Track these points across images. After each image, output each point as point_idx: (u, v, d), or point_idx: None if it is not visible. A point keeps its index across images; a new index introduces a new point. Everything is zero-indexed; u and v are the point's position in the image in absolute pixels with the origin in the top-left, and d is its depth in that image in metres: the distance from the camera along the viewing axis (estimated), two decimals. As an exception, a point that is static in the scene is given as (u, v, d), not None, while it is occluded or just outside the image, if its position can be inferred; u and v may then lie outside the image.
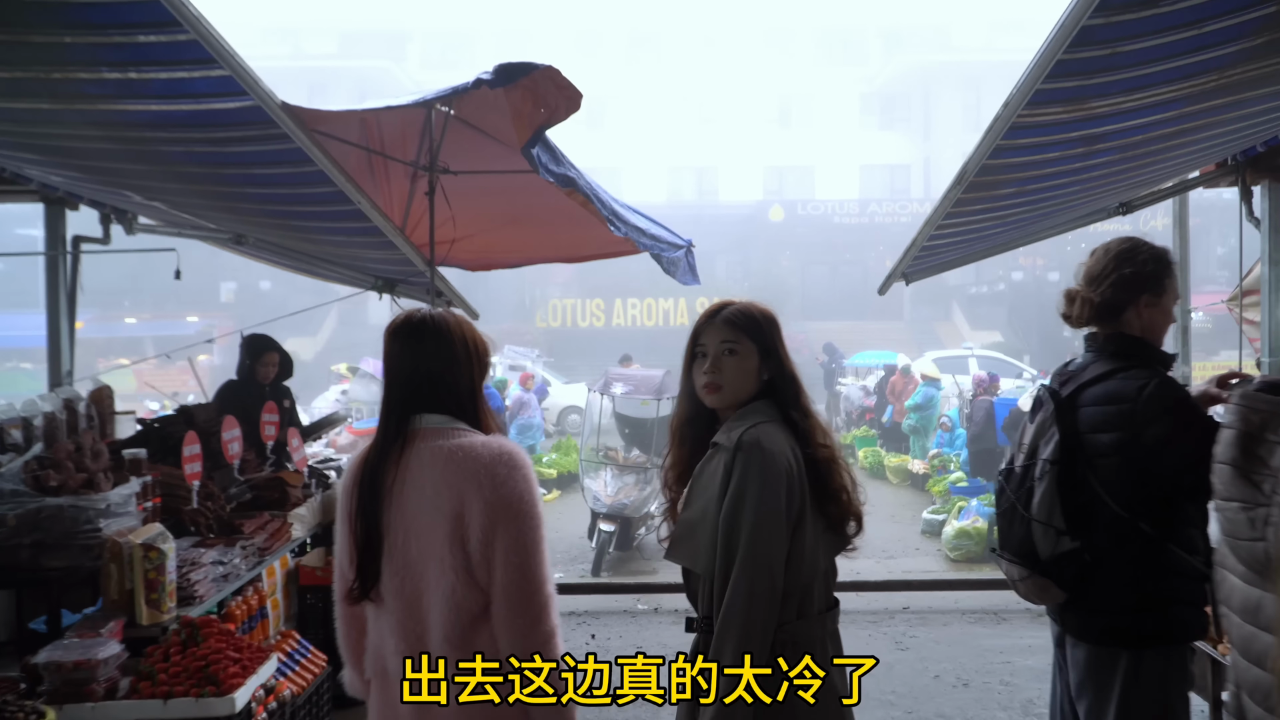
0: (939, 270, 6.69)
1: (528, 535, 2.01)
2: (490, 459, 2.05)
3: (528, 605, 1.98)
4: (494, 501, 2.01)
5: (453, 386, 2.16)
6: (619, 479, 9.98)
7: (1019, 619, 6.08)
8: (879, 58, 39.27)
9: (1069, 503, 2.46)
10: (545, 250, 7.53)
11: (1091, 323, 2.60)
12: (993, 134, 3.98)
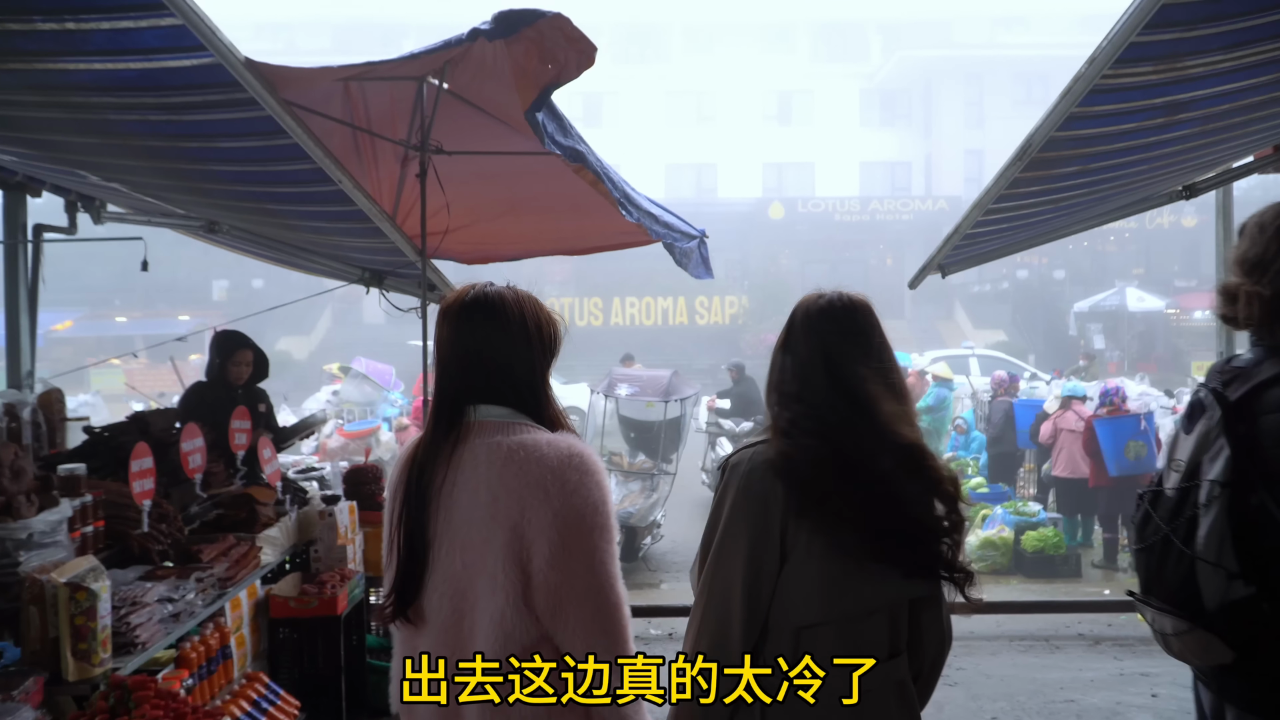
0: (978, 262, 6.17)
1: (606, 554, 1.79)
2: (558, 461, 1.79)
3: (614, 637, 1.79)
4: (564, 513, 1.76)
5: (510, 373, 1.90)
6: (623, 486, 9.44)
7: (1074, 647, 5.52)
8: (879, 53, 38.77)
9: (1243, 536, 1.92)
10: (546, 242, 6.98)
11: (1265, 322, 2.03)
12: (1069, 99, 3.45)
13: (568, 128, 3.91)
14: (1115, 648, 5.46)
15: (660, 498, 9.47)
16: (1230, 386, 2.05)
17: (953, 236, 5.17)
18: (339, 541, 4.20)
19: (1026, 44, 36.20)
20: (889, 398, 1.96)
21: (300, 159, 3.95)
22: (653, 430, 10.12)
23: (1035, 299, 32.02)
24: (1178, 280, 32.68)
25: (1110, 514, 9.20)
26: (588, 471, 1.81)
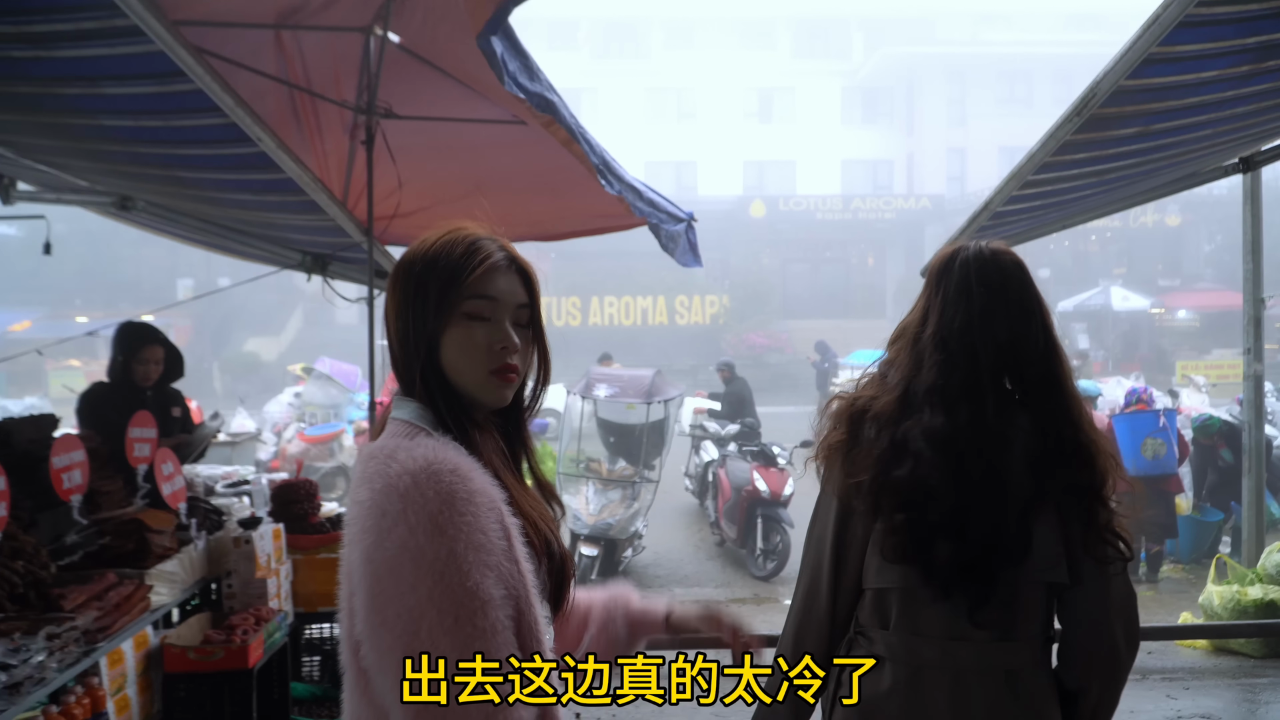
0: (1001, 246, 5.51)
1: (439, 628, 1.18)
2: (385, 484, 1.24)
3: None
4: (379, 563, 1.22)
5: (403, 354, 1.40)
6: (602, 495, 8.73)
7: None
8: (861, 51, 38.26)
9: None
10: (518, 225, 6.25)
11: None
12: (1154, 31, 2.80)
13: (535, 70, 3.22)
14: (1165, 683, 4.82)
15: (642, 507, 8.78)
16: None
17: (980, 214, 4.51)
18: (258, 574, 3.48)
19: (1010, 41, 35.82)
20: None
21: (209, 111, 3.23)
22: (634, 434, 9.42)
23: (1019, 298, 31.58)
24: (1161, 279, 32.38)
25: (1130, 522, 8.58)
26: (418, 499, 1.22)
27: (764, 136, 37.30)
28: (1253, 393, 6.34)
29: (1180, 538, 8.98)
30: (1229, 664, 5.17)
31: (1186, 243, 33.75)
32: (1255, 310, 6.28)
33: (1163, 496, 8.51)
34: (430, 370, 1.38)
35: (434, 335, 1.38)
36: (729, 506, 9.33)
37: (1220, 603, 5.56)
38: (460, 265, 1.41)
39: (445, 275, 1.40)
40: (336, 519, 4.25)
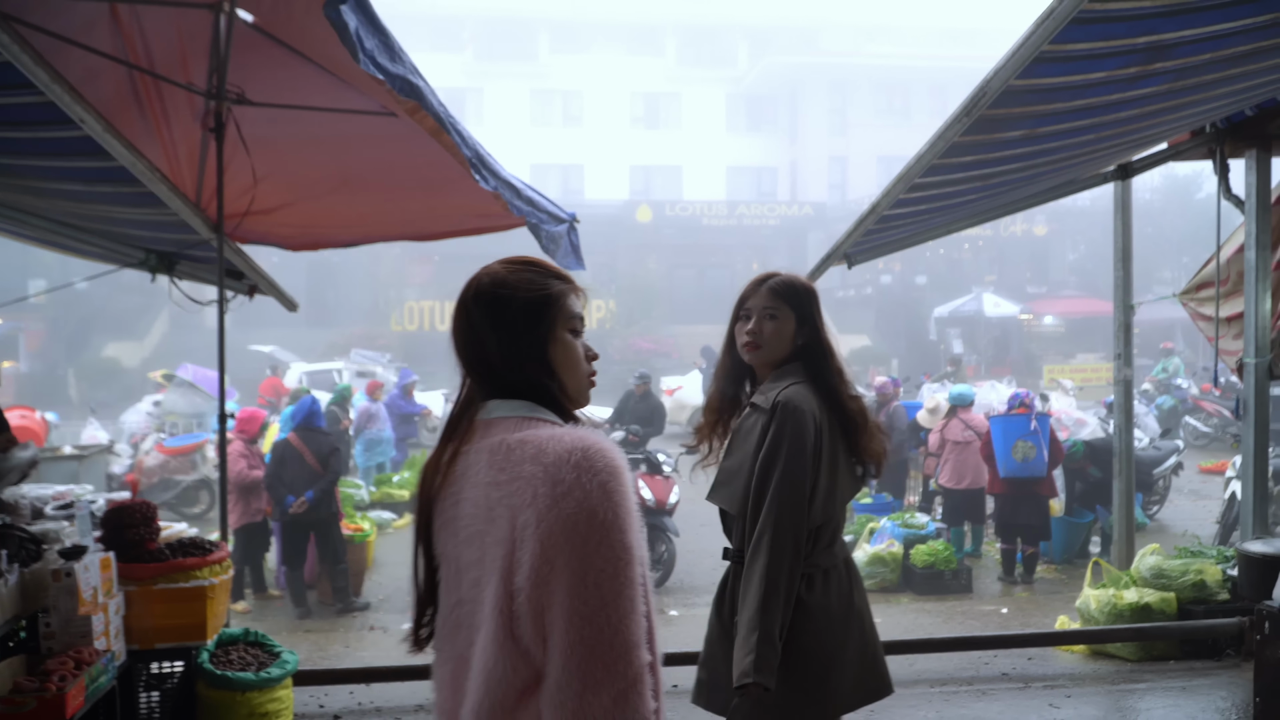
0: (886, 251, 5.47)
1: (606, 575, 1.41)
2: (556, 456, 1.46)
3: (601, 676, 1.38)
4: (553, 521, 1.42)
5: (514, 362, 1.61)
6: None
7: (1001, 692, 4.75)
8: (746, 59, 38.76)
9: None
10: (389, 225, 5.92)
11: None
12: (1049, 25, 2.70)
13: (397, 50, 2.93)
14: (1047, 690, 4.81)
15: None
16: None
17: (867, 218, 4.42)
18: (81, 610, 3.08)
19: (890, 55, 36.87)
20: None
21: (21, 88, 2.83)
22: (515, 443, 9.14)
23: (898, 304, 32.44)
24: (1029, 286, 33.73)
25: (1006, 524, 8.73)
26: (589, 470, 1.46)
27: (651, 142, 37.44)
28: (1122, 397, 6.48)
29: (1054, 539, 9.21)
30: (1107, 669, 5.22)
31: (1053, 252, 35.29)
32: (1125, 316, 6.43)
33: (1035, 499, 8.69)
34: (543, 372, 1.63)
35: (542, 344, 1.63)
36: (614, 516, 9.12)
37: (1097, 606, 5.62)
38: (564, 287, 1.67)
39: (554, 298, 1.66)
40: (179, 544, 3.86)
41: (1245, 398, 5.56)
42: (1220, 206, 5.71)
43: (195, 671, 3.73)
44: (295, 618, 7.83)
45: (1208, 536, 8.92)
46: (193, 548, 3.91)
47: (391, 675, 4.72)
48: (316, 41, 4.13)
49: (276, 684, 3.67)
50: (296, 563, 7.93)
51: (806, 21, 39.16)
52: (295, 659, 3.91)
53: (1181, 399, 17.68)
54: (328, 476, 7.93)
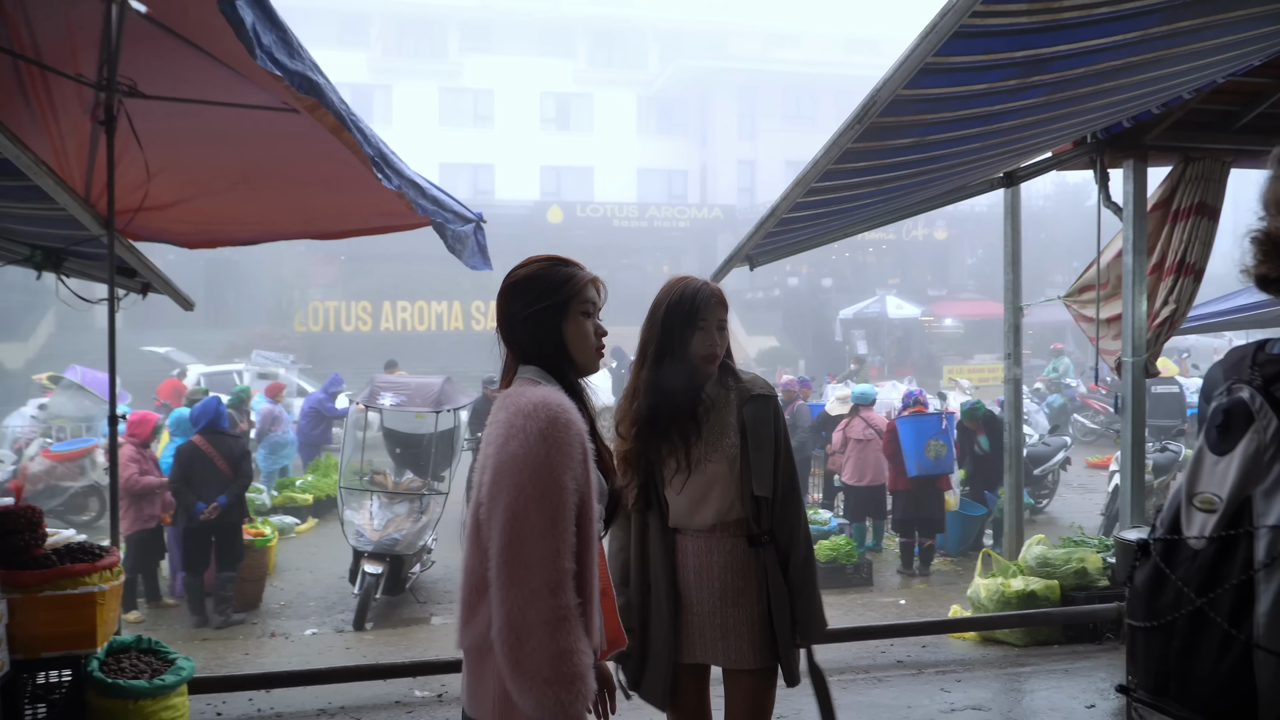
0: (787, 253, 5.60)
1: (532, 498, 1.83)
2: (517, 409, 1.92)
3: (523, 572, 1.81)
4: (503, 456, 1.88)
5: (535, 338, 2.08)
6: (388, 509, 8.31)
7: (897, 679, 4.93)
8: (656, 61, 39.00)
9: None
10: (291, 222, 5.81)
11: None
12: (933, 38, 2.83)
13: (296, 47, 2.90)
14: (939, 676, 5.00)
15: (431, 520, 8.43)
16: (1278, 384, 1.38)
17: (767, 221, 4.53)
18: (-39, 620, 2.97)
19: (796, 61, 37.54)
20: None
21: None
22: (422, 444, 9.05)
23: (804, 306, 33.03)
24: (930, 289, 34.72)
25: (906, 519, 9.01)
26: (534, 418, 1.87)
27: (561, 142, 37.37)
28: (1012, 394, 6.74)
29: (949, 532, 9.55)
30: (996, 654, 5.45)
31: (952, 255, 36.40)
32: (1015, 318, 6.69)
33: (936, 494, 9.00)
34: (554, 344, 2.07)
35: (556, 320, 2.06)
36: (523, 516, 9.12)
37: (986, 595, 5.86)
38: (579, 278, 2.11)
39: (572, 284, 2.09)
40: (67, 550, 3.74)
41: (1124, 395, 5.85)
42: (1100, 213, 6.01)
43: (85, 680, 3.62)
44: (192, 626, 7.62)
45: (1094, 528, 9.36)
46: (81, 553, 3.78)
47: (292, 680, 4.65)
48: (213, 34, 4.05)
49: (171, 691, 3.58)
50: (198, 569, 7.72)
51: (715, 26, 39.63)
52: (191, 665, 3.82)
53: (1070, 397, 18.44)
54: (240, 481, 7.74)
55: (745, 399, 2.75)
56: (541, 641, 1.76)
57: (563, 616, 1.79)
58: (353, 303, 29.96)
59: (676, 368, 2.71)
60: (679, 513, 2.75)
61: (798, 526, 2.75)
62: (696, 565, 2.74)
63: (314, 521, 11.49)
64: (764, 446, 2.71)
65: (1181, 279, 5.67)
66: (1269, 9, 3.26)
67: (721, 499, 2.71)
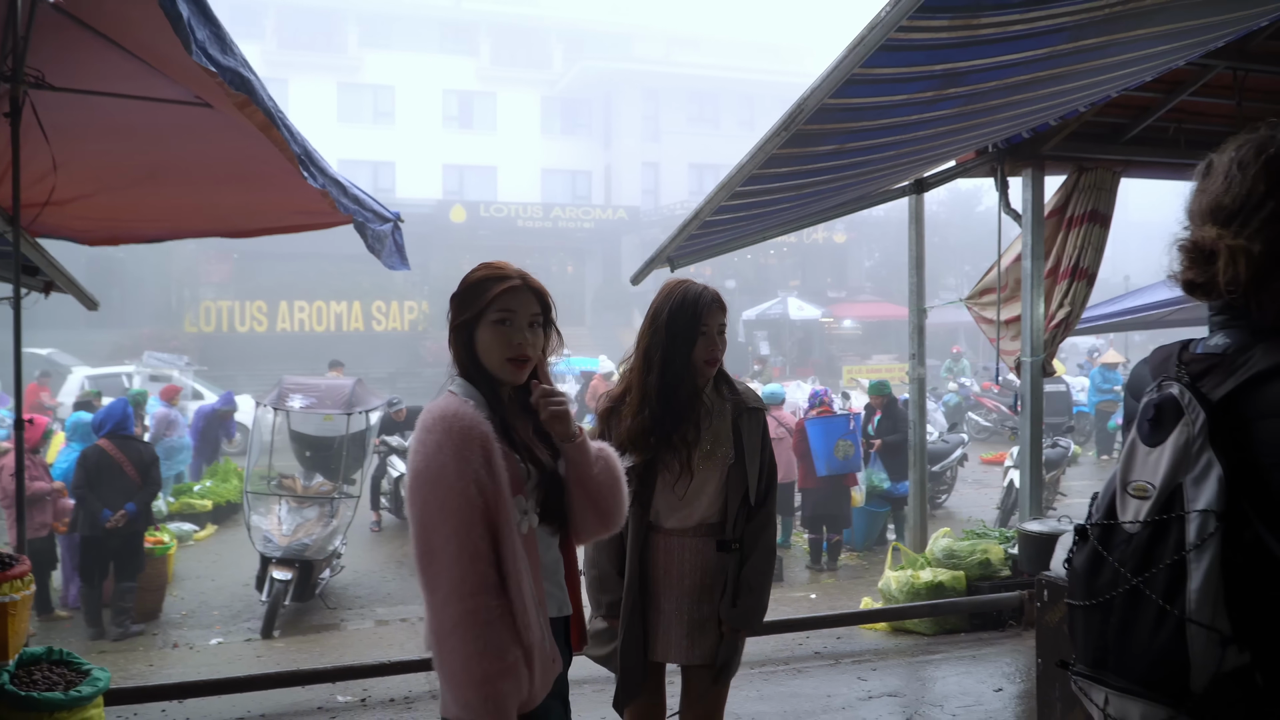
0: (708, 254, 5.70)
1: (424, 522, 1.92)
2: (419, 422, 2.01)
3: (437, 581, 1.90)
4: (409, 470, 1.98)
5: (452, 351, 2.15)
6: (297, 513, 8.13)
7: (815, 670, 5.03)
8: (560, 62, 38.93)
9: (1235, 586, 1.39)
10: (201, 220, 5.67)
11: (1250, 286, 1.50)
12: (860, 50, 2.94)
13: (229, 43, 2.85)
14: (855, 665, 5.18)
15: (342, 524, 8.28)
16: (1206, 380, 1.51)
17: (690, 223, 4.62)
18: None
19: (699, 64, 37.92)
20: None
21: None
22: (333, 447, 8.88)
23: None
24: (830, 291, 35.53)
25: (815, 516, 9.24)
26: (423, 429, 1.95)
27: (464, 141, 36.93)
28: (916, 394, 6.99)
29: (855, 527, 9.83)
30: (907, 643, 5.66)
31: (851, 258, 37.31)
32: (918, 319, 6.93)
33: (843, 491, 9.26)
34: (469, 355, 2.08)
35: (470, 331, 2.08)
36: (435, 519, 9.04)
37: (897, 586, 6.07)
38: (491, 287, 2.08)
39: (484, 294, 2.07)
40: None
41: (1022, 393, 6.13)
42: (1001, 220, 6.28)
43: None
44: (88, 638, 7.32)
45: (990, 521, 9.76)
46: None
47: (209, 689, 4.53)
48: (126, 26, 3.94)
49: (88, 703, 3.46)
50: (96, 580, 7.41)
51: (619, 28, 39.79)
52: (107, 676, 3.70)
53: (965, 396, 19.16)
54: (148, 489, 7.47)
55: (741, 410, 2.84)
56: (454, 646, 1.83)
57: (474, 619, 1.84)
58: (247, 302, 29.08)
59: (682, 374, 2.74)
60: (665, 513, 2.81)
61: (765, 533, 2.85)
62: (667, 564, 2.81)
63: (213, 528, 11.14)
64: (754, 457, 2.81)
65: (1076, 282, 5.96)
66: (1165, 29, 3.49)
67: (709, 503, 2.79)
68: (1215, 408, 1.46)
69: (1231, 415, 1.45)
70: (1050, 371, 6.26)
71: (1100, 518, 1.57)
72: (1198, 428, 1.45)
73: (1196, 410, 1.46)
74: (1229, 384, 1.47)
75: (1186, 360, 1.56)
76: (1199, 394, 1.48)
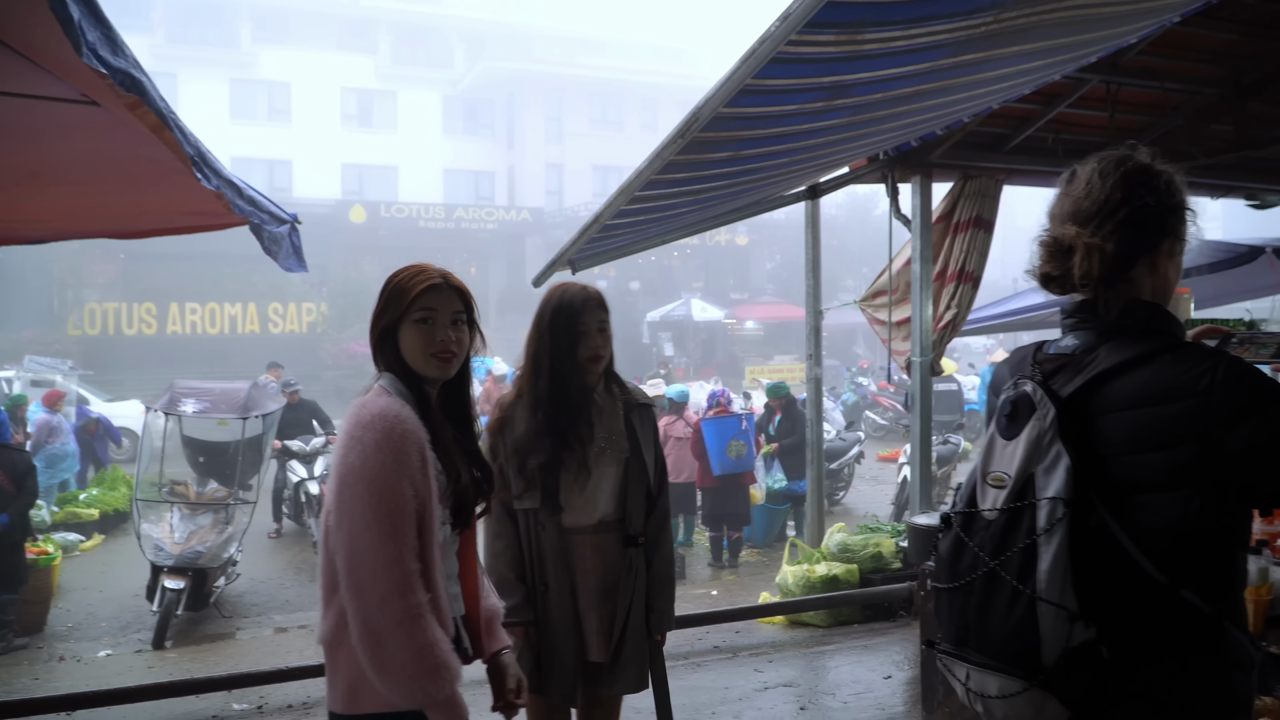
0: (609, 258, 5.79)
1: (367, 506, 1.91)
2: (355, 420, 2.00)
3: (368, 582, 1.88)
4: (342, 468, 1.96)
5: (379, 345, 2.18)
6: (190, 520, 7.91)
7: (714, 663, 5.22)
8: (462, 61, 38.54)
9: (1082, 567, 1.53)
10: (87, 220, 5.47)
11: (1102, 282, 1.66)
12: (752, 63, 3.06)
13: (119, 44, 2.79)
14: (753, 658, 5.33)
15: (237, 531, 8.09)
16: (1056, 378, 1.66)
17: (590, 227, 4.68)
18: None
19: (603, 67, 38.00)
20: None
21: None
22: (228, 452, 8.65)
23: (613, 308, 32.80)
24: (732, 293, 36.06)
25: (715, 514, 9.41)
26: (363, 427, 1.95)
27: (364, 140, 36.23)
28: (814, 393, 7.20)
29: (755, 525, 10.04)
30: (803, 635, 5.84)
31: (753, 261, 37.91)
32: (815, 321, 7.14)
33: (741, 490, 9.44)
34: (394, 354, 2.13)
35: (394, 331, 2.12)
36: (335, 524, 8.90)
37: (794, 581, 6.25)
38: (411, 286, 2.12)
39: (405, 293, 2.12)
40: None
41: (913, 392, 6.38)
42: (891, 225, 6.52)
43: None
44: (-37, 653, 7.00)
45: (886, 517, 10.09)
46: None
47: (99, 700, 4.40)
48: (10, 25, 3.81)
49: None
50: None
51: (522, 29, 39.61)
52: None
53: (863, 395, 19.69)
54: (24, 499, 7.16)
55: (631, 407, 2.98)
56: (401, 642, 1.86)
57: (415, 615, 1.89)
58: (135, 304, 27.99)
59: (570, 374, 2.85)
60: (567, 512, 2.87)
61: (665, 526, 3.00)
62: (570, 562, 2.88)
63: (100, 538, 10.73)
64: (650, 451, 2.95)
65: (962, 285, 6.24)
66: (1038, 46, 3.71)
67: (607, 499, 2.89)
68: (1064, 404, 1.61)
69: (1079, 410, 1.60)
70: (939, 370, 6.53)
71: (962, 506, 1.70)
72: (1049, 422, 1.59)
73: (1048, 406, 1.60)
74: (1077, 382, 1.62)
75: (1040, 360, 1.71)
76: (1050, 391, 1.62)
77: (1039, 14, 3.27)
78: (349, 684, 1.98)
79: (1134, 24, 3.76)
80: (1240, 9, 5.12)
